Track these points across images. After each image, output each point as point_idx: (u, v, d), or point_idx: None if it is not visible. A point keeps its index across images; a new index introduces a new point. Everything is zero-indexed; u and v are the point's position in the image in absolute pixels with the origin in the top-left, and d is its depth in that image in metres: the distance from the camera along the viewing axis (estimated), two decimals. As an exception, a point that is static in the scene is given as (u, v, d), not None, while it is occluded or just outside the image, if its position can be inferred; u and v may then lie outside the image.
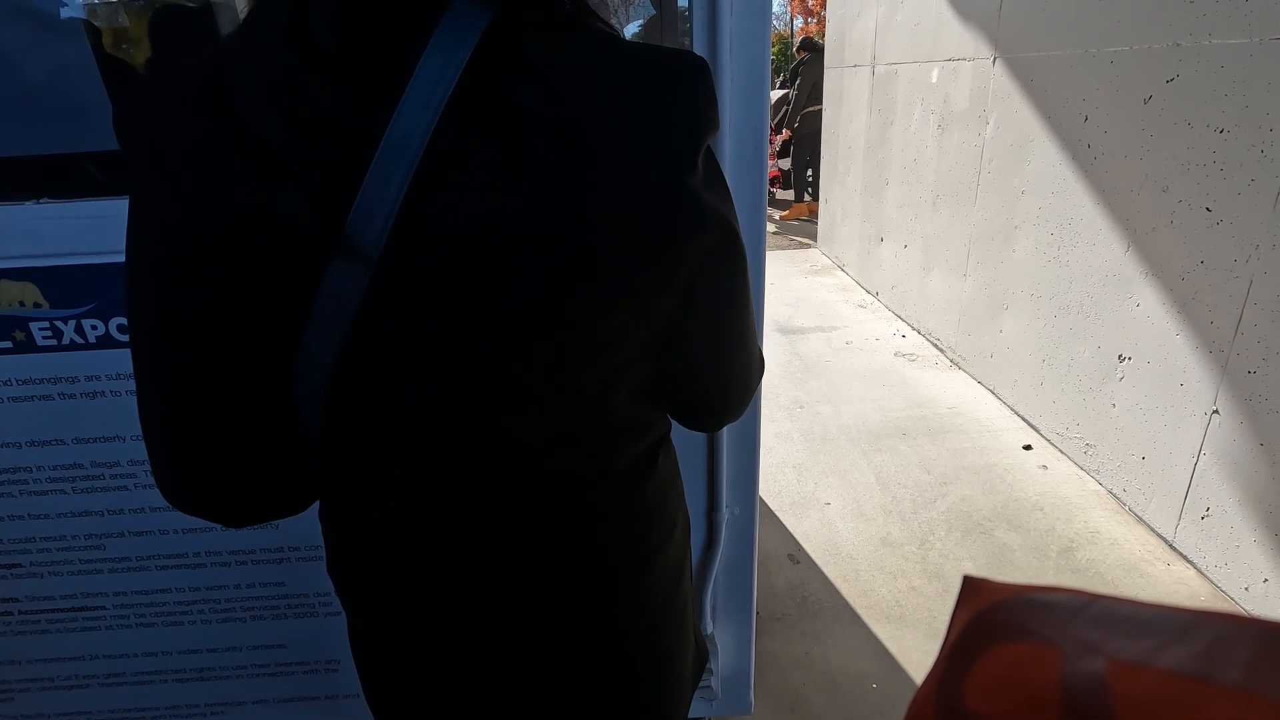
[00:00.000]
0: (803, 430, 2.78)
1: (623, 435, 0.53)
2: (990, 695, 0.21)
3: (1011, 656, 0.21)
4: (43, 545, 1.15)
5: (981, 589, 0.24)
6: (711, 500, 1.19)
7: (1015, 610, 0.22)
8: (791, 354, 3.53)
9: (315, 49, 0.41)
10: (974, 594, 0.24)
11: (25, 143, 1.02)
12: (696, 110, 0.44)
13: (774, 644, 1.74)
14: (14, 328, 1.00)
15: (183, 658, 1.25)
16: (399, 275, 0.42)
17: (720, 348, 0.54)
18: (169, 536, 1.16)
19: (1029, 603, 0.22)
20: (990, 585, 0.24)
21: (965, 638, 0.23)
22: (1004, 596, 0.23)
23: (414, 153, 0.39)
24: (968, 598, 0.24)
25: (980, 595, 0.24)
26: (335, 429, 0.49)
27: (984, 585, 0.24)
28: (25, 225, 0.97)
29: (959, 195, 3.21)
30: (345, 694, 1.31)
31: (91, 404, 1.06)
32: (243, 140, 0.41)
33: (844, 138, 4.82)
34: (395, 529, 0.53)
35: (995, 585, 0.24)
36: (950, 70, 3.23)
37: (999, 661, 0.21)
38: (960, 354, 3.26)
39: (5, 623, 1.21)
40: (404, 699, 0.61)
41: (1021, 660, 0.21)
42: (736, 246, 0.50)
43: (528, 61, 0.41)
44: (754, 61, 0.94)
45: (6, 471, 1.09)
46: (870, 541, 2.12)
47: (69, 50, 1.02)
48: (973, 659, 0.22)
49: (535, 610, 0.55)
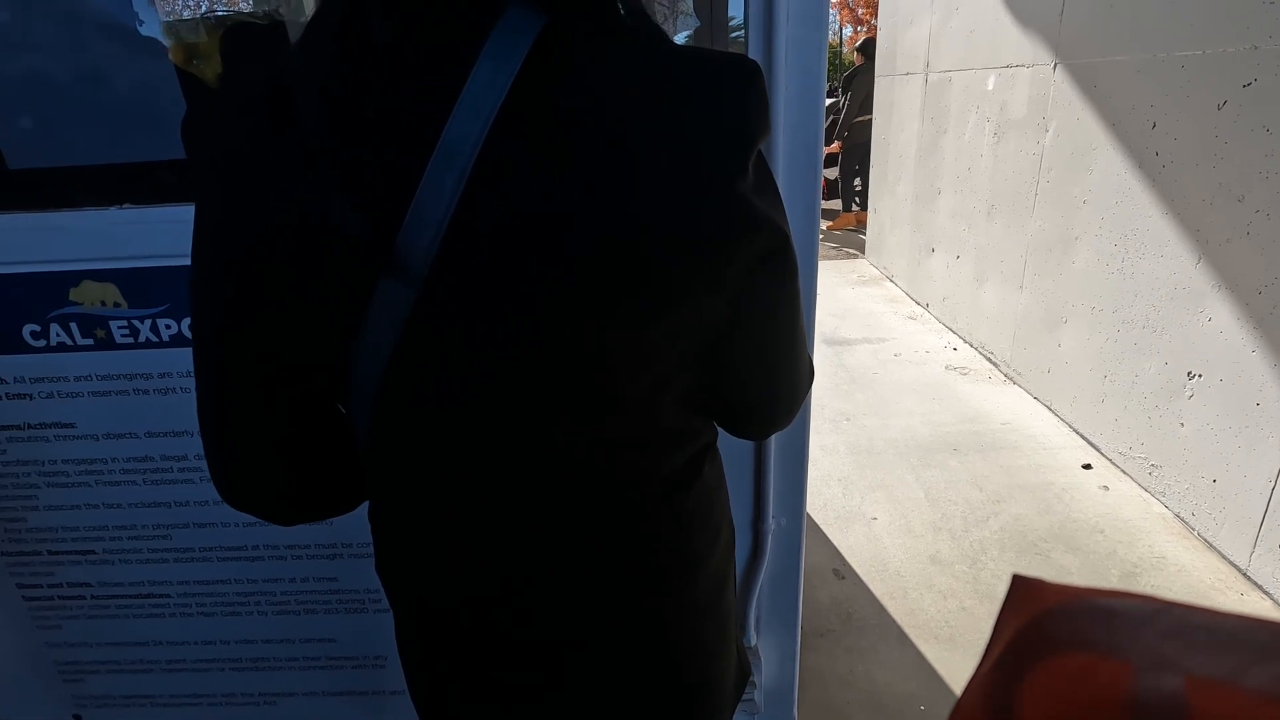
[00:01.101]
0: (848, 443, 2.72)
1: (667, 442, 0.53)
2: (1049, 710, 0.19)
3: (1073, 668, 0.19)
4: (114, 533, 1.21)
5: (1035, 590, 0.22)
6: (758, 511, 1.17)
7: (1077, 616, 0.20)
8: (837, 365, 3.47)
9: (372, 59, 0.42)
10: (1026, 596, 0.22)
11: (108, 152, 1.08)
12: (747, 114, 0.43)
13: (817, 659, 1.71)
14: (96, 326, 1.06)
15: (239, 647, 1.30)
16: (447, 286, 0.42)
17: (769, 355, 0.53)
18: (230, 529, 1.20)
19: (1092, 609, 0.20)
20: (1046, 587, 0.22)
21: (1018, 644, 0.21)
22: (1062, 600, 0.21)
23: (465, 161, 0.40)
24: (1019, 600, 0.22)
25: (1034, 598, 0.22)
26: (384, 433, 0.50)
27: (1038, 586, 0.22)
28: (108, 229, 1.02)
29: (1015, 205, 3.12)
30: (391, 690, 1.33)
31: (163, 399, 1.11)
32: (300, 150, 0.42)
33: (894, 146, 4.74)
34: (440, 532, 0.54)
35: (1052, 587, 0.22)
36: (1008, 77, 3.15)
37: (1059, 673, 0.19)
38: (1015, 368, 3.16)
39: (78, 606, 1.27)
40: (445, 699, 0.62)
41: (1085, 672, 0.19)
42: (787, 253, 0.49)
43: (578, 67, 0.41)
44: (809, 69, 0.94)
45: (85, 462, 1.15)
46: (918, 559, 2.06)
47: (149, 65, 1.08)
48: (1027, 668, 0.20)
49: (576, 616, 0.55)
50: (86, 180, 1.06)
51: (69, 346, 1.08)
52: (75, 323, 1.06)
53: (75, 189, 1.04)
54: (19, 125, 1.06)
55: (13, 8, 1.03)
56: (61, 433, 1.13)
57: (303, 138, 0.42)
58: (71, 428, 1.13)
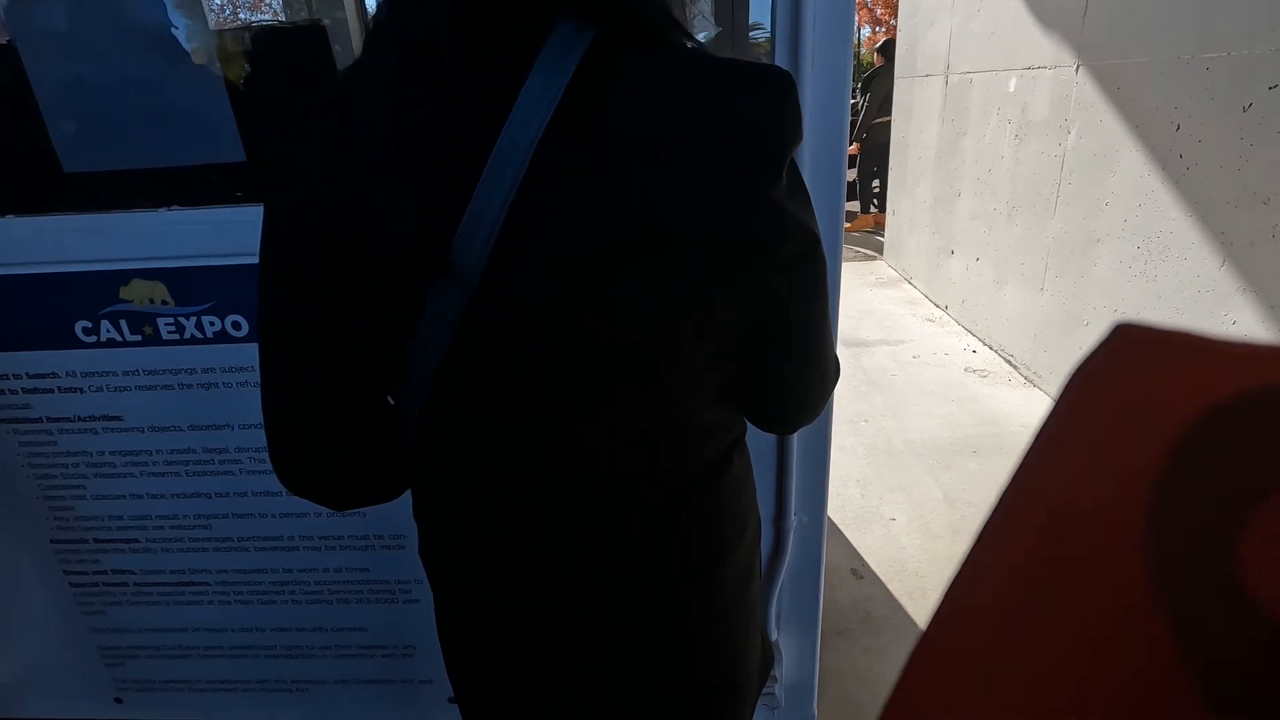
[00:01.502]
0: (866, 444, 2.73)
1: (700, 436, 0.55)
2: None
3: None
4: (157, 523, 1.25)
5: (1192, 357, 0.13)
6: (780, 507, 1.19)
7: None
8: (855, 367, 3.47)
9: (431, 72, 0.44)
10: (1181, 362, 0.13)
11: (158, 156, 1.12)
12: (782, 122, 0.46)
13: (836, 658, 1.72)
14: (144, 323, 1.11)
15: (274, 634, 1.34)
16: (497, 288, 0.45)
17: (798, 352, 0.56)
18: (267, 520, 1.24)
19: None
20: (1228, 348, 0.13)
21: (1222, 456, 0.12)
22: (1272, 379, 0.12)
23: (517, 168, 0.42)
24: (1160, 365, 0.14)
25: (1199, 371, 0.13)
26: (434, 427, 0.53)
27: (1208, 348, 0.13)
28: (157, 230, 1.07)
29: (1036, 207, 3.10)
30: (420, 679, 1.36)
31: (206, 394, 1.15)
32: (361, 158, 0.45)
33: (913, 148, 4.73)
34: (482, 521, 0.57)
35: (1239, 348, 0.13)
36: (1029, 79, 3.14)
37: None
38: (1036, 371, 3.14)
39: (121, 593, 1.32)
40: (485, 678, 0.64)
41: None
42: (818, 255, 0.51)
43: (623, 78, 0.44)
44: (835, 76, 0.96)
45: (131, 454, 1.20)
46: (937, 560, 2.07)
47: (196, 71, 1.13)
48: (1257, 503, 0.11)
49: (611, 602, 0.57)
50: (137, 183, 1.10)
51: (118, 342, 1.12)
52: (125, 319, 1.11)
53: (126, 191, 1.09)
54: (73, 130, 1.11)
55: (66, 18, 1.07)
56: (109, 425, 1.18)
57: (366, 145, 0.45)
58: (119, 420, 1.18)
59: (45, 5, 1.06)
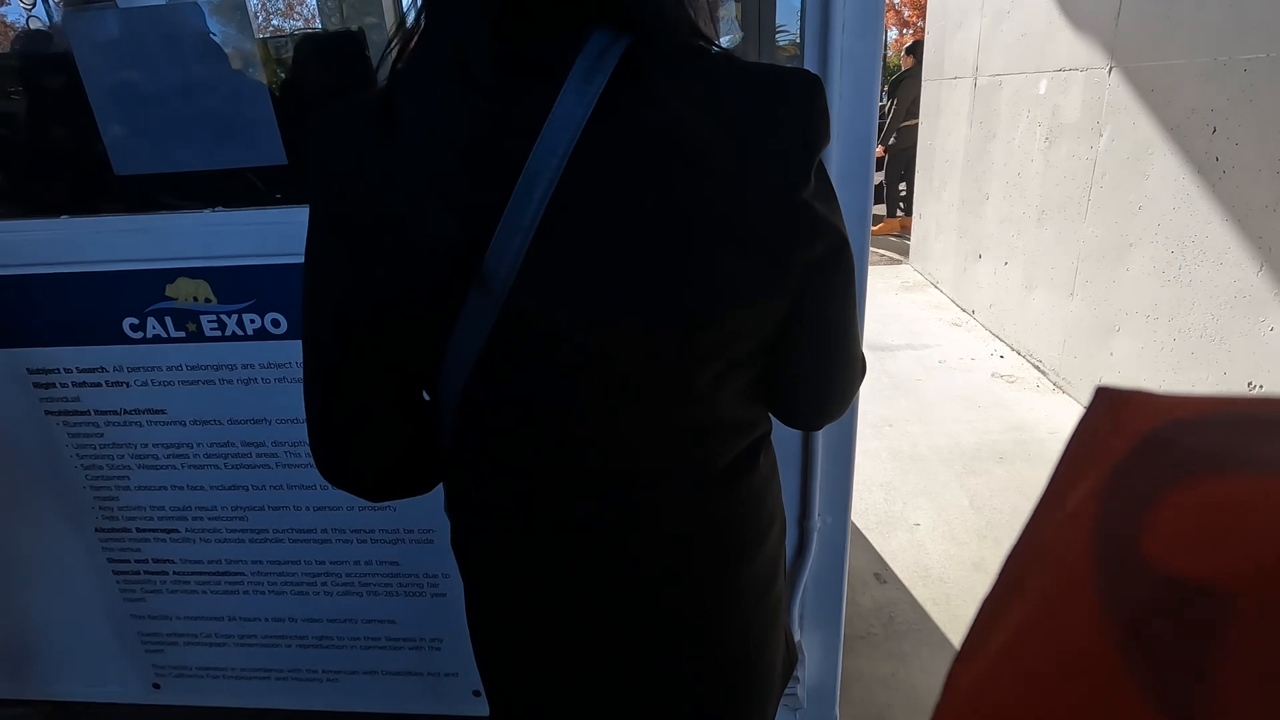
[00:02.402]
0: (891, 449, 2.71)
1: (727, 433, 0.56)
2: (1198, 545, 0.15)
3: (1235, 494, 0.15)
4: (197, 513, 1.30)
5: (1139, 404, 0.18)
6: (804, 508, 1.20)
7: (1220, 429, 0.16)
8: (880, 371, 3.45)
9: (470, 82, 0.46)
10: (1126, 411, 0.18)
11: (204, 159, 1.17)
12: (810, 125, 0.47)
13: (859, 662, 1.71)
14: (188, 320, 1.15)
15: (306, 625, 1.37)
16: (528, 295, 0.46)
17: (826, 350, 0.57)
18: (301, 513, 1.28)
19: (1241, 420, 0.16)
20: (1156, 399, 0.17)
21: (1133, 468, 0.17)
22: (1193, 412, 0.17)
23: (551, 175, 0.44)
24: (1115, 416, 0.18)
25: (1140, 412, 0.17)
26: (466, 427, 0.55)
27: (1143, 399, 0.18)
28: (202, 230, 1.11)
29: (1067, 211, 3.06)
30: (447, 672, 1.39)
31: (245, 389, 1.19)
32: (402, 166, 0.46)
33: (941, 151, 4.68)
34: (512, 516, 0.58)
35: (1165, 398, 0.17)
36: (1060, 81, 3.10)
37: (1211, 501, 0.15)
38: (1064, 376, 3.10)
39: (161, 581, 1.37)
40: (510, 670, 0.66)
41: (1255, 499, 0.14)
42: (846, 255, 0.52)
43: (655, 85, 0.45)
44: (863, 78, 0.97)
45: (173, 446, 1.24)
46: (963, 566, 2.05)
47: (239, 78, 1.17)
48: (1154, 498, 0.16)
49: (636, 597, 0.58)
50: (183, 185, 1.15)
51: (163, 339, 1.16)
52: (170, 317, 1.15)
53: (173, 193, 1.13)
54: (123, 135, 1.15)
55: (119, 28, 1.12)
56: (153, 418, 1.22)
57: (405, 154, 0.46)
58: (162, 414, 1.22)
59: (100, 16, 1.11)
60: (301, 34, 1.23)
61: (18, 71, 1.28)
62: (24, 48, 1.36)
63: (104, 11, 1.13)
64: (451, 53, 0.47)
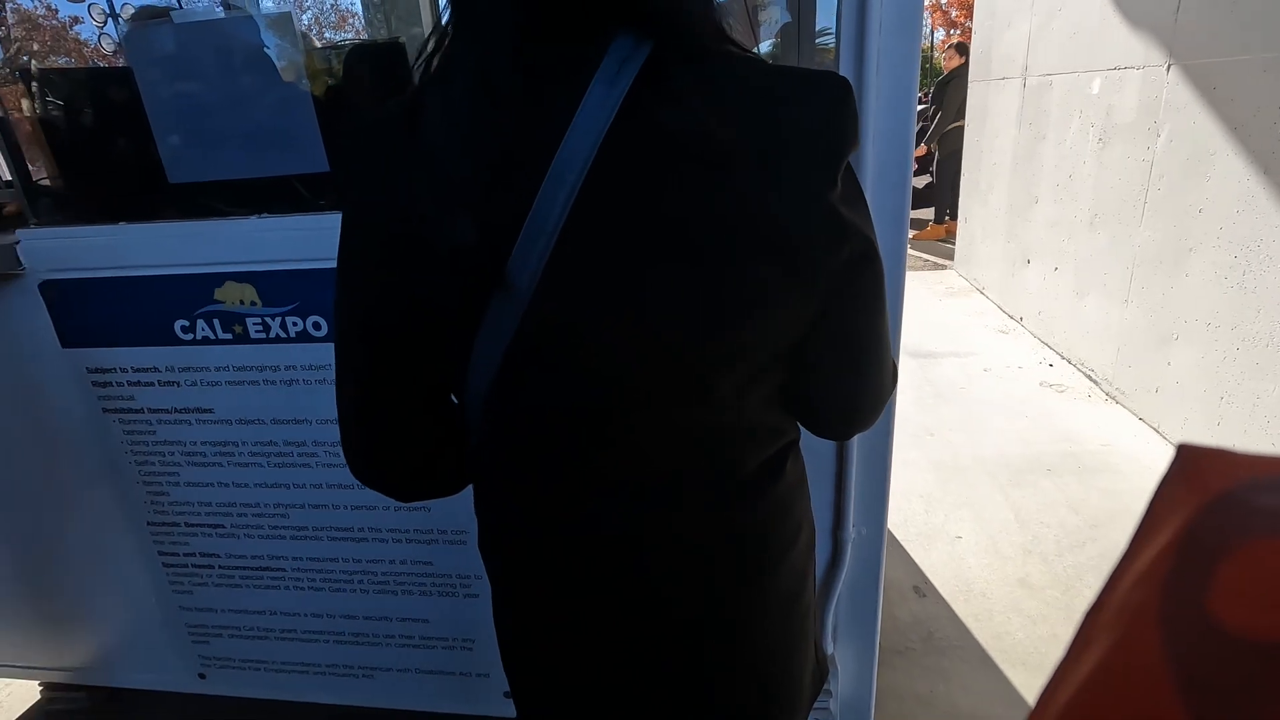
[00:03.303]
0: (932, 459, 2.64)
1: (751, 439, 0.55)
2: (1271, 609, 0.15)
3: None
4: (241, 510, 1.34)
5: (1217, 461, 0.18)
6: (838, 518, 1.17)
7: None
8: (922, 379, 3.37)
9: (496, 88, 0.46)
10: (1204, 469, 0.18)
11: (251, 167, 1.21)
12: (835, 129, 0.46)
13: (895, 677, 1.67)
14: (234, 322, 1.19)
15: (343, 621, 1.40)
16: (550, 299, 0.46)
17: (853, 358, 0.56)
18: (339, 511, 1.31)
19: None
20: (1233, 456, 0.18)
21: (1205, 525, 0.17)
22: (1263, 473, 0.17)
23: (574, 180, 0.44)
24: (1194, 474, 0.18)
25: (1218, 470, 0.17)
26: (492, 427, 0.55)
27: (1222, 457, 0.18)
28: (249, 236, 1.14)
29: (1121, 214, 2.94)
30: (477, 673, 1.40)
31: (287, 390, 1.23)
32: (429, 173, 0.47)
33: (988, 154, 4.56)
34: (536, 517, 0.59)
35: (1242, 457, 0.17)
36: (1115, 80, 2.99)
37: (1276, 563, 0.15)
38: (1118, 387, 2.98)
39: (207, 574, 1.41)
40: (536, 672, 0.66)
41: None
42: (873, 260, 0.51)
43: (677, 90, 0.45)
44: (901, 79, 0.95)
45: (219, 444, 1.28)
46: (1006, 581, 1.98)
47: (285, 90, 1.21)
48: (1222, 554, 0.16)
49: (659, 601, 0.57)
50: (231, 192, 1.19)
51: (211, 340, 1.21)
52: (218, 319, 1.19)
53: (222, 200, 1.17)
54: (177, 145, 1.20)
55: (175, 43, 1.17)
56: (202, 417, 1.27)
57: (434, 160, 0.47)
58: (210, 413, 1.27)
59: (158, 31, 1.16)
60: (346, 45, 1.27)
61: (85, 85, 1.34)
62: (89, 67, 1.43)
63: (162, 26, 1.18)
64: (476, 60, 0.47)
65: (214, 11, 1.30)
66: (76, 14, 1.27)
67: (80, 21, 1.32)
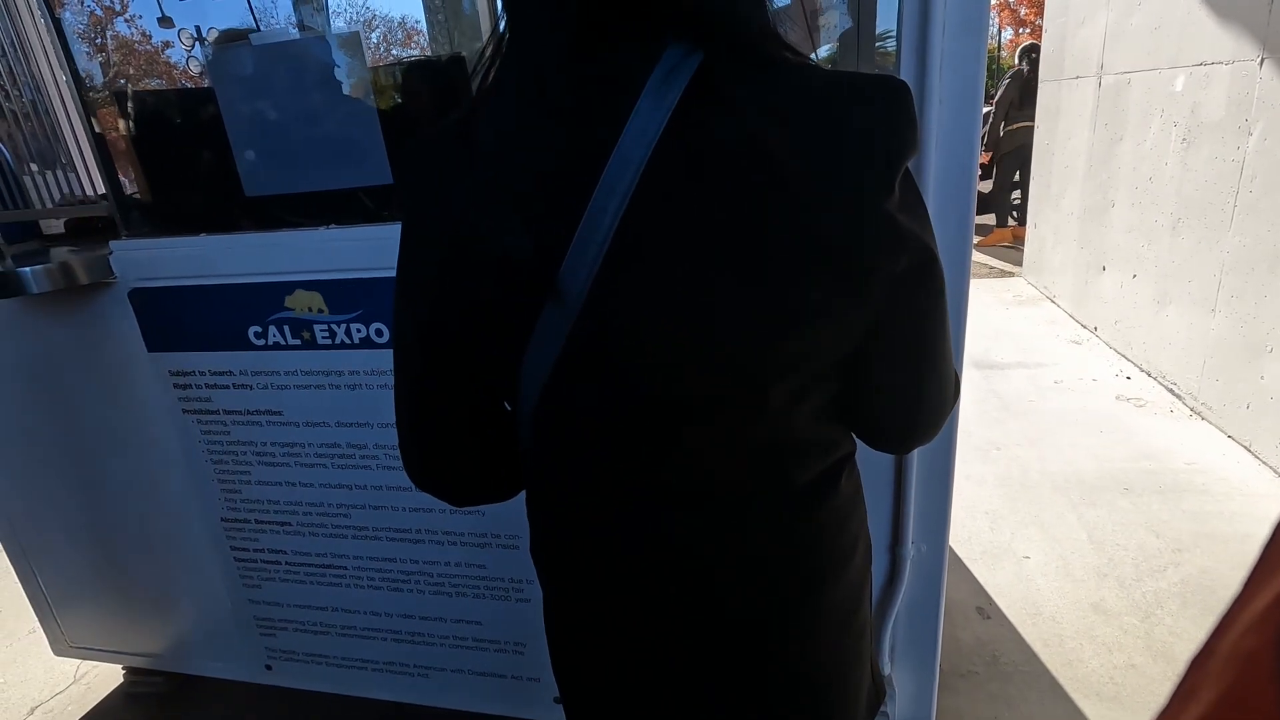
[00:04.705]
0: (998, 475, 2.53)
1: (806, 452, 0.54)
2: None
3: None
4: (307, 509, 1.39)
5: None
6: (896, 534, 1.13)
7: None
8: (988, 391, 3.24)
9: (548, 99, 0.47)
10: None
11: (320, 180, 1.26)
12: (893, 134, 0.44)
13: (957, 701, 1.60)
14: (303, 329, 1.24)
15: (400, 620, 1.44)
16: (601, 308, 0.46)
17: (912, 369, 0.54)
18: (398, 513, 1.34)
19: None
20: None
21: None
22: None
23: (625, 190, 0.44)
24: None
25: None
26: (544, 434, 0.55)
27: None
28: (318, 246, 1.19)
29: (1208, 218, 2.77)
30: (529, 676, 1.42)
31: (351, 394, 1.27)
32: (482, 184, 0.48)
33: (1060, 156, 4.37)
34: (587, 525, 0.59)
35: None
36: (1200, 76, 2.81)
37: None
38: (1204, 401, 2.79)
39: (275, 570, 1.47)
40: (586, 679, 0.66)
41: None
42: (933, 269, 0.49)
43: (730, 98, 0.44)
44: (967, 82, 0.91)
45: (288, 445, 1.34)
46: (1078, 606, 1.87)
47: (352, 106, 1.26)
48: None
49: (711, 614, 0.57)
50: (302, 204, 1.25)
51: (282, 345, 1.26)
52: (288, 325, 1.25)
53: (293, 212, 1.23)
54: (253, 160, 1.27)
55: (254, 63, 1.23)
56: (272, 419, 1.33)
57: (488, 170, 0.48)
58: (279, 415, 1.32)
59: (238, 53, 1.22)
60: (409, 61, 1.31)
61: (173, 105, 1.43)
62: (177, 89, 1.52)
63: (241, 48, 1.24)
64: (528, 72, 0.48)
65: (289, 33, 1.36)
66: (168, 39, 1.35)
67: (171, 45, 1.40)
